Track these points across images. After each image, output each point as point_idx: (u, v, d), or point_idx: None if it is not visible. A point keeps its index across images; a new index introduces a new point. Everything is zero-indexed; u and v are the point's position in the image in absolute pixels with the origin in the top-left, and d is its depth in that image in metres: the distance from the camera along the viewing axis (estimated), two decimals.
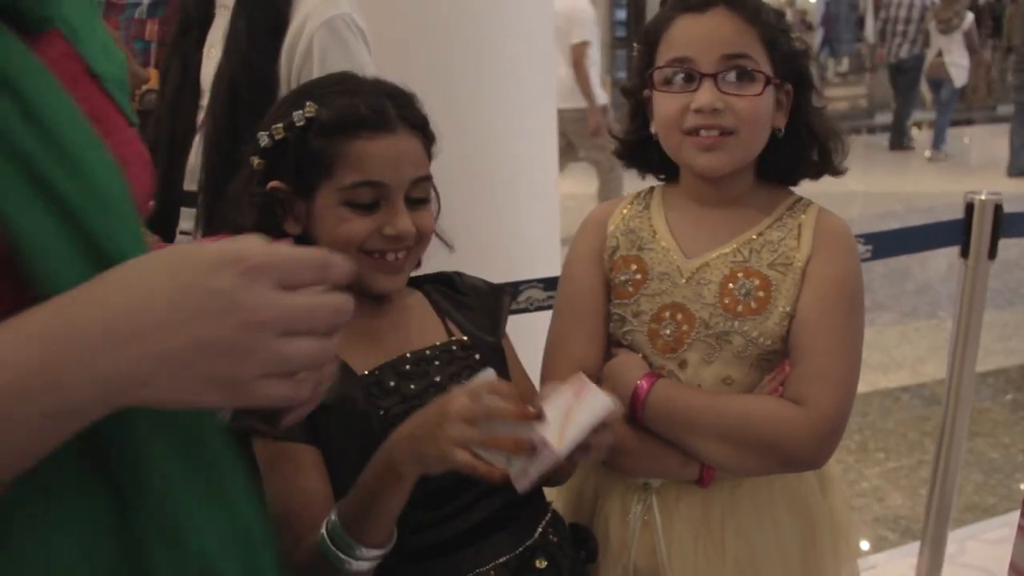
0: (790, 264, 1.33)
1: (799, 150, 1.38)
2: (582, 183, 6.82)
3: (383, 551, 1.10)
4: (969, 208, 2.25)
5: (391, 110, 1.22)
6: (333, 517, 1.09)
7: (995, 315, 5.13)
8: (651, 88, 1.36)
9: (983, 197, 2.24)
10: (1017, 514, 3.15)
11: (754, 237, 1.36)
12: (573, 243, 1.49)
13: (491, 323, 1.38)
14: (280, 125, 1.21)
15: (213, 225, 1.66)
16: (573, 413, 1.08)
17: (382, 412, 1.20)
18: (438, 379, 1.26)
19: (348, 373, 1.21)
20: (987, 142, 11.22)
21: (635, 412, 1.32)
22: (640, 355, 1.39)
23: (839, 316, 1.31)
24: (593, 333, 1.43)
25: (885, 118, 11.82)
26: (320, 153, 1.19)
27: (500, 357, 1.35)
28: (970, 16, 9.88)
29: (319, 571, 1.10)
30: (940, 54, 9.77)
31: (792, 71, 1.34)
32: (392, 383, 1.23)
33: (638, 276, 1.40)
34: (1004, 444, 3.83)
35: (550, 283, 1.94)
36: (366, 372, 1.23)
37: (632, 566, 1.38)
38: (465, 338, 1.32)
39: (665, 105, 1.33)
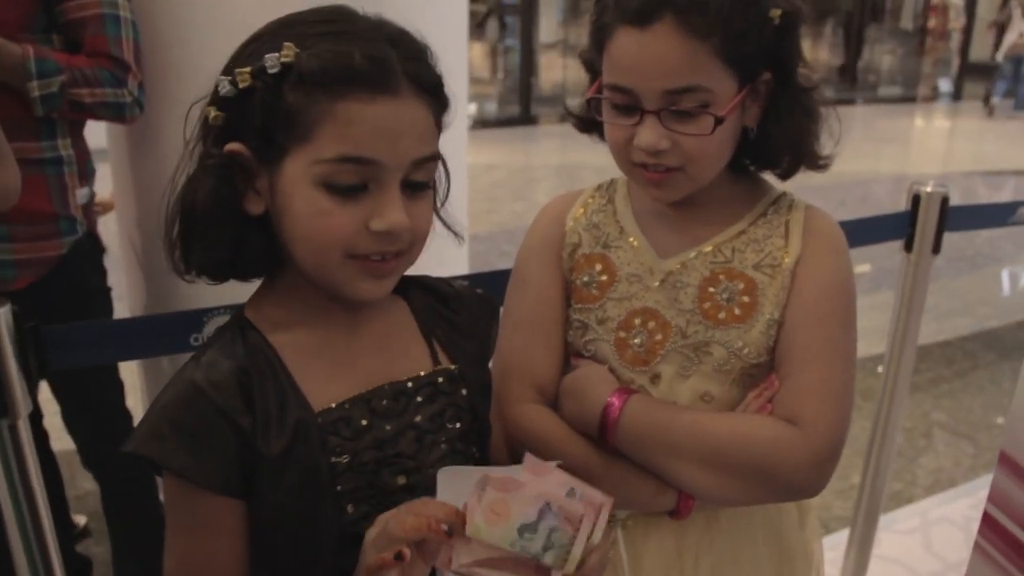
0: (778, 265, 1.19)
1: (767, 145, 1.19)
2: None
3: None
4: (915, 200, 2.17)
5: (395, 64, 0.93)
6: None
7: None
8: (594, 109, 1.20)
9: (929, 189, 2.16)
10: (925, 503, 3.22)
11: (736, 235, 1.21)
12: (527, 239, 1.32)
13: (480, 348, 1.16)
14: (247, 70, 0.92)
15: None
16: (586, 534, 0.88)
17: (346, 459, 0.97)
18: (418, 419, 1.03)
19: (302, 407, 0.97)
20: None
21: (605, 433, 1.16)
22: (606, 367, 1.23)
23: (834, 324, 1.17)
24: (553, 344, 1.26)
25: None
26: (296, 112, 0.91)
27: (486, 393, 1.14)
28: None
29: None
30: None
31: (769, 58, 1.14)
32: (364, 422, 0.99)
33: (604, 277, 1.24)
34: (906, 428, 3.85)
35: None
36: (333, 405, 0.98)
37: None
38: (453, 367, 1.09)
39: (611, 133, 1.17)
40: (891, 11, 17.28)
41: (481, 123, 11.12)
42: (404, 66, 0.93)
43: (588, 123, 1.27)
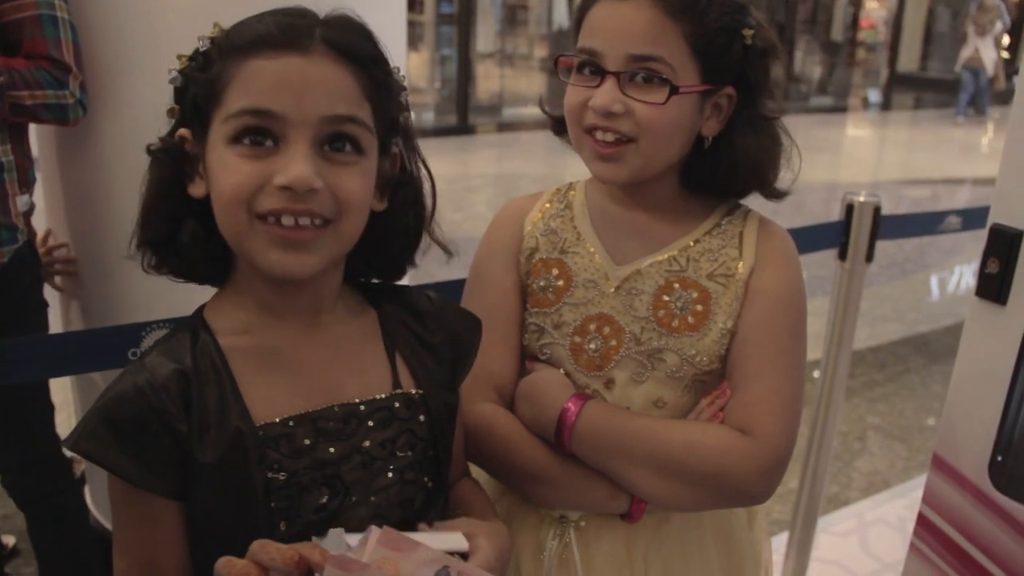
0: (731, 275, 1.21)
1: (726, 164, 1.21)
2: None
3: None
4: (848, 210, 2.22)
5: (312, 29, 0.93)
6: None
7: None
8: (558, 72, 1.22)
9: (862, 199, 2.21)
10: (861, 505, 3.28)
11: (691, 244, 1.23)
12: (485, 240, 1.32)
13: (452, 370, 1.11)
14: (186, 55, 0.96)
15: None
16: None
17: (283, 476, 0.94)
18: (367, 444, 0.99)
19: (242, 417, 0.94)
20: None
21: (560, 438, 1.17)
22: (561, 371, 1.24)
23: (785, 335, 1.20)
24: (509, 345, 1.27)
25: None
26: (214, 80, 0.92)
27: (450, 417, 1.09)
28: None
29: None
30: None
31: (737, 73, 1.17)
32: (307, 441, 0.96)
33: (560, 282, 1.25)
34: (841, 432, 3.92)
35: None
36: (276, 420, 0.95)
37: None
38: (413, 392, 1.04)
39: (569, 96, 1.19)
40: (822, 23, 17.63)
41: (418, 132, 11.06)
42: (325, 32, 0.93)
43: (562, 123, 1.26)
